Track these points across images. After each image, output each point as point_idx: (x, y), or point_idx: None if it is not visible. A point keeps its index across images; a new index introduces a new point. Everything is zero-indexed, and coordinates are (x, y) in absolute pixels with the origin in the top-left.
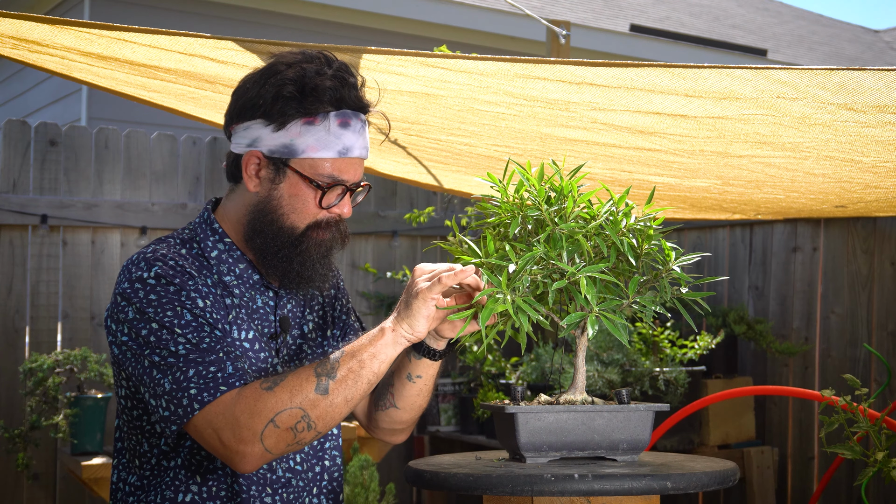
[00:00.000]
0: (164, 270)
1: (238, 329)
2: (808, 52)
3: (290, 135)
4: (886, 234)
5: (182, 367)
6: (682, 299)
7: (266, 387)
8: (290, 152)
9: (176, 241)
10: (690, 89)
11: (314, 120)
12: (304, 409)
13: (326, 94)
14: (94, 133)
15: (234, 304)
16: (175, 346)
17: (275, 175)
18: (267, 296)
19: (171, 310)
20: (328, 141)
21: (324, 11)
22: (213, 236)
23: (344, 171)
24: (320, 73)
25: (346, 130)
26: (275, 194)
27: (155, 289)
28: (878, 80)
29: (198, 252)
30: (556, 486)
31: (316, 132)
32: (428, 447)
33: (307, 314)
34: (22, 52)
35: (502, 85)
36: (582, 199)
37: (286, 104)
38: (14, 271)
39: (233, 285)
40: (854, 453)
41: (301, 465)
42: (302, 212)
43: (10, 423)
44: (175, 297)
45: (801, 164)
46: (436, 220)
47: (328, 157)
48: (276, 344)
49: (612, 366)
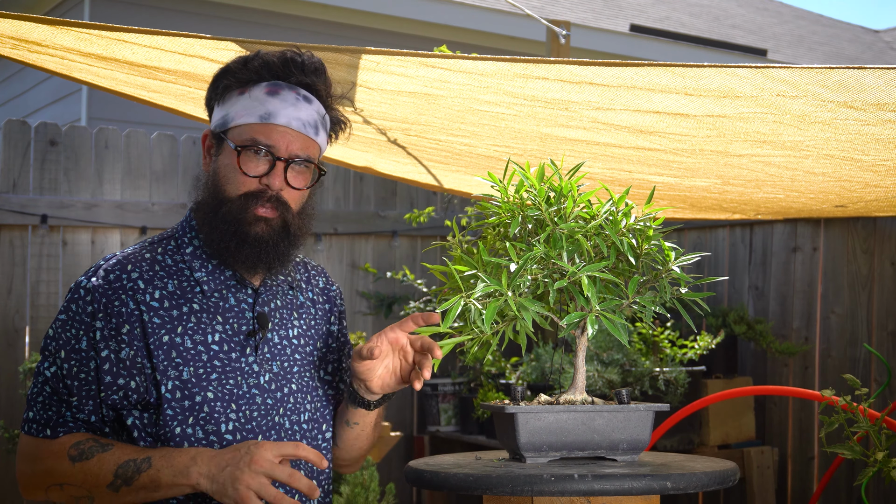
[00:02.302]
0: (95, 286)
1: (201, 333)
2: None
3: (227, 107)
4: (886, 234)
5: (39, 387)
6: (681, 299)
7: (72, 455)
8: (225, 123)
9: (154, 239)
10: (690, 88)
11: (245, 90)
12: (92, 495)
13: (263, 67)
14: (94, 133)
15: (195, 310)
16: (49, 366)
17: (217, 149)
18: (244, 293)
19: (73, 328)
20: (252, 107)
21: (324, 11)
22: (190, 233)
23: (269, 137)
24: (267, 54)
25: (272, 98)
26: (214, 167)
27: (77, 302)
28: (878, 79)
29: (173, 249)
30: (556, 486)
31: (244, 101)
32: (428, 447)
33: (294, 319)
34: (22, 52)
35: (502, 85)
36: (582, 199)
37: (227, 77)
38: (14, 271)
39: (203, 282)
40: (854, 453)
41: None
42: (233, 181)
43: (10, 423)
44: (86, 319)
45: (801, 162)
46: (436, 220)
47: (251, 123)
48: (253, 341)
49: (612, 366)
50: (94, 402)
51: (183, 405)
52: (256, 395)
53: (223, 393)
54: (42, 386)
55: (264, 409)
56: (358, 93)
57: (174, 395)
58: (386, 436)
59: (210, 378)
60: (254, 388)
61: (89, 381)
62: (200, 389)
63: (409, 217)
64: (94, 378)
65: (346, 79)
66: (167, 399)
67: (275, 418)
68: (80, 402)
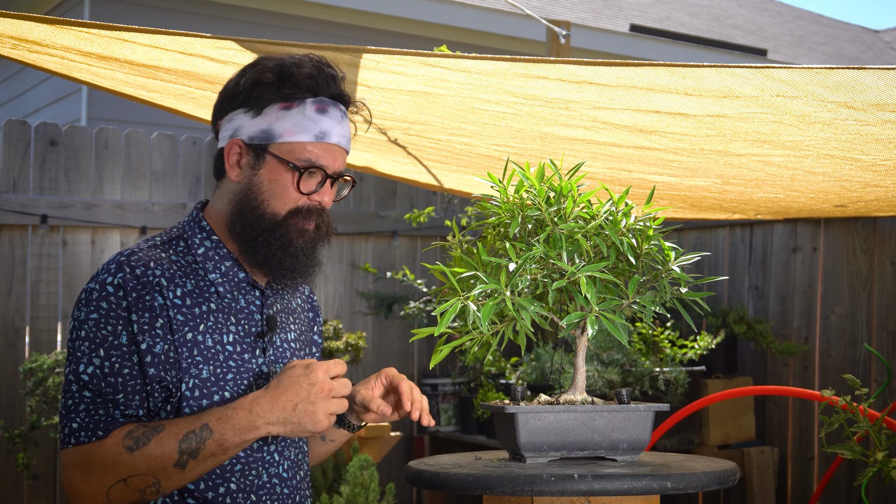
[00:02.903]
0: (125, 280)
1: (218, 333)
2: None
3: (269, 120)
4: (886, 234)
5: (77, 396)
6: (681, 299)
7: (127, 446)
8: (269, 137)
9: (162, 240)
10: (690, 88)
11: (291, 105)
12: (158, 478)
13: (304, 81)
14: (94, 133)
15: (213, 310)
16: (85, 368)
17: (255, 161)
18: (253, 295)
19: (110, 325)
20: (305, 125)
21: (324, 11)
22: (201, 234)
23: (321, 157)
24: (299, 64)
25: (323, 116)
26: (255, 181)
27: (108, 298)
28: (877, 79)
29: (184, 249)
30: (556, 486)
31: (293, 116)
32: (428, 447)
33: (291, 322)
34: (22, 52)
35: (502, 84)
36: (582, 199)
37: (264, 90)
38: (14, 271)
39: (217, 283)
40: (854, 453)
41: (288, 471)
42: (282, 197)
43: (10, 423)
44: (122, 314)
45: (801, 162)
46: (436, 220)
47: (306, 141)
48: (262, 343)
49: (612, 366)
50: (140, 398)
51: (201, 404)
52: None
53: (238, 394)
54: (80, 393)
55: None
56: (358, 92)
57: (193, 394)
58: (386, 436)
59: (227, 378)
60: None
61: (133, 375)
62: (218, 389)
63: (409, 217)
64: (138, 372)
65: (347, 78)
66: (186, 397)
67: None
68: (126, 399)
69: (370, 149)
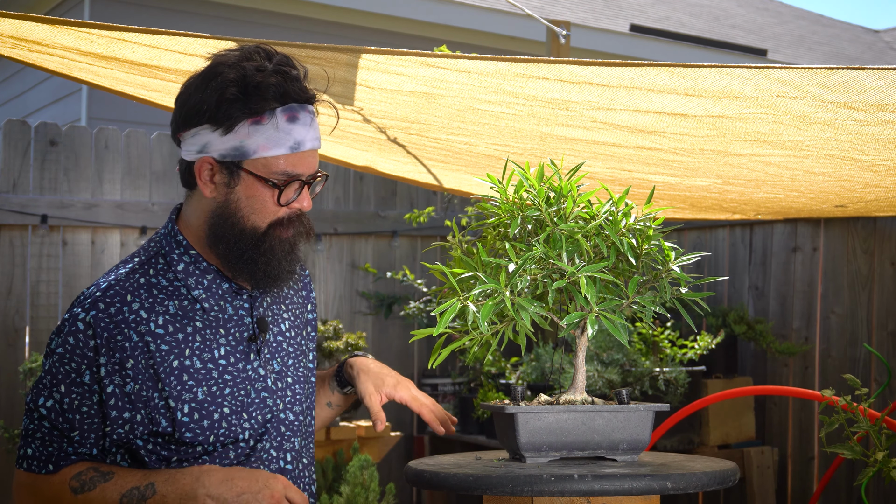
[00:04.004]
0: (96, 320)
1: (208, 351)
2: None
3: (240, 136)
4: (886, 234)
5: (37, 424)
6: (681, 299)
7: (73, 487)
8: (242, 154)
9: (141, 260)
10: (690, 88)
11: (261, 119)
12: None
13: (270, 90)
14: (94, 133)
15: (198, 328)
16: (45, 401)
17: (229, 179)
18: (240, 299)
19: (74, 362)
20: (278, 138)
21: (324, 11)
22: (178, 249)
23: (298, 166)
24: (261, 69)
25: (294, 125)
26: (231, 198)
27: (76, 335)
28: (877, 79)
29: (164, 267)
30: (556, 486)
31: (265, 131)
32: (428, 447)
33: (283, 312)
34: (22, 51)
35: (502, 84)
36: (581, 199)
37: (231, 106)
38: (14, 271)
39: (202, 299)
40: (854, 453)
41: (291, 462)
42: (261, 211)
43: (10, 423)
44: (88, 354)
45: (801, 162)
46: (436, 220)
47: (281, 154)
48: (256, 345)
49: (612, 366)
50: (95, 436)
51: (202, 425)
52: (266, 397)
53: (236, 405)
54: (40, 422)
55: (274, 409)
56: (358, 92)
57: (192, 417)
58: (386, 436)
59: (224, 394)
60: (263, 391)
61: (91, 414)
62: (217, 407)
63: (409, 217)
64: (97, 412)
65: (346, 78)
66: (184, 423)
67: (280, 415)
68: (81, 437)
69: (370, 148)
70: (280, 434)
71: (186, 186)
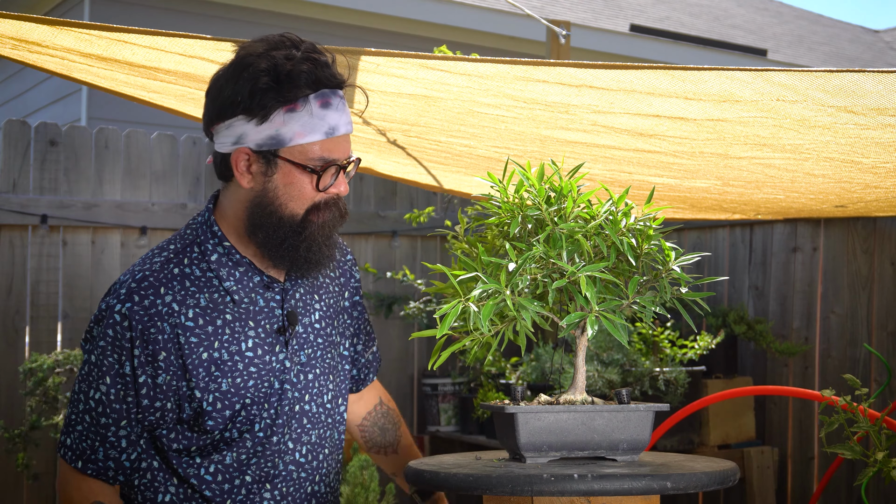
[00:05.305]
0: (131, 312)
1: (236, 343)
2: (808, 53)
3: (275, 125)
4: (886, 234)
5: (79, 415)
6: (682, 299)
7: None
8: (278, 143)
9: (177, 248)
10: (690, 92)
11: (295, 106)
12: None
13: (302, 77)
14: (94, 133)
15: (228, 321)
16: (91, 392)
17: (266, 168)
18: (272, 292)
19: (115, 354)
20: (313, 124)
21: (324, 11)
22: (213, 239)
23: (334, 151)
24: (290, 57)
25: (328, 110)
26: (269, 186)
27: (115, 327)
28: (877, 83)
29: (198, 256)
30: (556, 486)
31: (300, 118)
32: (428, 447)
33: (315, 302)
34: (22, 52)
35: (502, 87)
36: (581, 199)
37: (264, 96)
38: (14, 271)
39: (233, 291)
40: (854, 453)
41: (306, 455)
42: (300, 198)
43: (10, 423)
44: (126, 345)
45: (800, 165)
46: (436, 220)
47: (316, 140)
48: (284, 337)
49: (612, 366)
50: (129, 429)
51: (224, 415)
52: (288, 389)
53: (258, 396)
54: (82, 415)
55: (294, 401)
56: (357, 94)
57: (215, 407)
58: None
59: (248, 385)
60: (285, 384)
61: (131, 404)
62: (240, 398)
63: (409, 217)
64: (133, 402)
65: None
66: (208, 412)
67: (303, 406)
68: (116, 433)
69: (370, 149)
70: (301, 426)
71: (222, 178)
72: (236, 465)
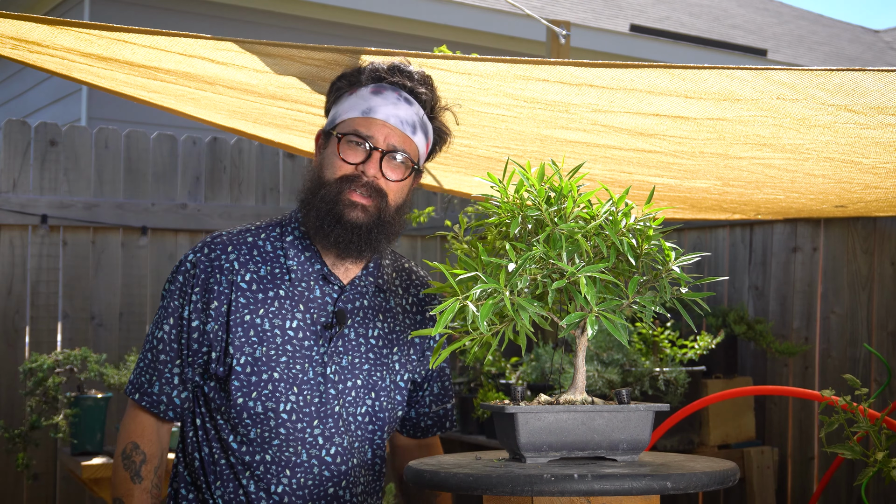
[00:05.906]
0: (198, 261)
1: (280, 318)
2: (808, 52)
3: (337, 107)
4: (886, 234)
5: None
6: (682, 299)
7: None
8: (333, 121)
9: (263, 225)
10: (690, 91)
11: (354, 91)
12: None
13: (373, 72)
14: (94, 133)
15: (280, 296)
16: (156, 331)
17: (325, 144)
18: (331, 288)
19: (180, 298)
20: (356, 104)
21: (324, 11)
22: (293, 223)
23: (369, 129)
24: (384, 61)
25: (375, 96)
26: (320, 159)
27: (185, 273)
28: (878, 82)
29: (277, 235)
30: (556, 486)
31: (351, 100)
32: None
33: (376, 321)
34: (22, 52)
35: (502, 87)
36: (581, 200)
37: (340, 80)
38: (14, 271)
39: (293, 269)
40: (854, 453)
41: (335, 456)
42: (331, 166)
43: (10, 423)
44: (187, 290)
45: (801, 165)
46: (436, 220)
47: (355, 117)
48: (328, 333)
49: (612, 366)
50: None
51: (250, 380)
52: (321, 382)
53: (288, 375)
54: (146, 353)
55: (325, 398)
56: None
57: (244, 370)
58: None
59: (279, 360)
60: (319, 376)
61: (184, 345)
62: (268, 369)
63: (409, 217)
64: (185, 344)
65: None
66: (237, 372)
67: (334, 407)
68: (171, 370)
69: None
70: (335, 426)
71: None
72: (259, 441)
